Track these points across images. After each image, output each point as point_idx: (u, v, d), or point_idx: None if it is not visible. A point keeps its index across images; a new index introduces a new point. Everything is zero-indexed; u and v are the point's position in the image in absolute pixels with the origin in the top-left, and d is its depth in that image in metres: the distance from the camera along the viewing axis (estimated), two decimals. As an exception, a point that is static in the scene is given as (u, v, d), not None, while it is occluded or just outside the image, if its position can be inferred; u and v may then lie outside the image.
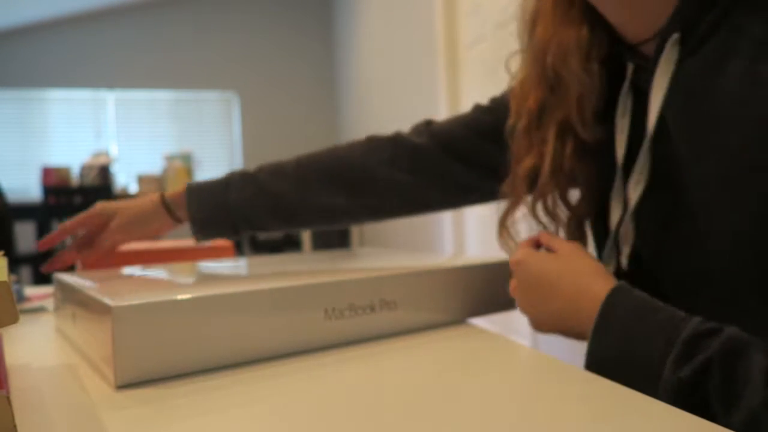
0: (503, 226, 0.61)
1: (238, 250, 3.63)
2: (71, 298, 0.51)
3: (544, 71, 0.54)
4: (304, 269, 0.57)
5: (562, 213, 0.57)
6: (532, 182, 0.57)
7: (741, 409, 0.33)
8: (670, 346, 0.37)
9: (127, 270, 0.62)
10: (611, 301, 0.42)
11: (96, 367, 0.45)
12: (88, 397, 0.39)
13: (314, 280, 0.47)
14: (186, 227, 0.72)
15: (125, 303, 0.40)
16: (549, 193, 0.56)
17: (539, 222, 0.58)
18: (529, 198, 0.58)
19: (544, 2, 0.55)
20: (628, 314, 0.41)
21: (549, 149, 0.54)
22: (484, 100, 0.79)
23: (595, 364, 0.42)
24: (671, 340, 0.38)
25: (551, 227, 0.58)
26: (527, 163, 0.56)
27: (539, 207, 0.57)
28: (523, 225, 0.64)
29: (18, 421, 0.34)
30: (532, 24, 0.56)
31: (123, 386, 0.40)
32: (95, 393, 0.40)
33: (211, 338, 0.43)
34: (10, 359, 0.50)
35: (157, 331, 0.41)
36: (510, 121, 0.60)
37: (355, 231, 4.98)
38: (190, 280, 0.52)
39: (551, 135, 0.54)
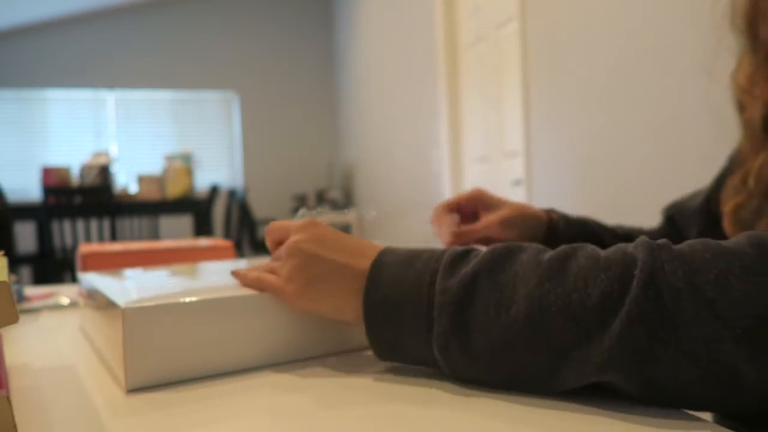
0: (732, 220, 0.57)
1: (238, 250, 3.63)
2: (92, 297, 0.51)
3: None
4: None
5: None
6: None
7: (519, 302, 0.34)
8: (435, 273, 0.38)
9: (149, 271, 0.62)
10: (382, 254, 0.42)
11: (110, 368, 0.44)
12: (88, 397, 0.39)
13: None
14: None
15: (137, 304, 0.40)
16: None
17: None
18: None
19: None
20: (396, 261, 0.40)
21: None
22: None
23: (368, 312, 0.40)
24: (435, 267, 0.38)
25: None
26: (760, 157, 0.53)
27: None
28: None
29: (18, 421, 0.34)
30: (752, 19, 0.53)
31: (134, 390, 0.39)
32: (97, 393, 0.40)
33: (225, 341, 0.43)
34: (9, 359, 0.50)
35: (169, 333, 0.40)
36: (744, 115, 0.56)
37: (355, 231, 4.98)
38: (204, 282, 0.51)
39: None
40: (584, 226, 0.70)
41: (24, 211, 3.16)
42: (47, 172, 3.23)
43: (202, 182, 4.84)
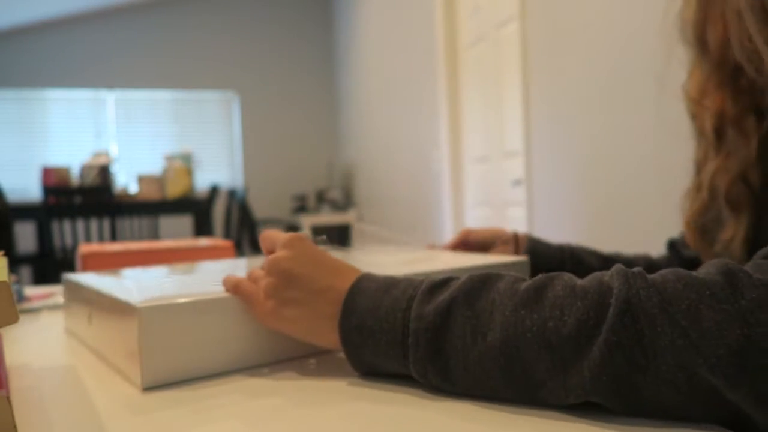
0: (692, 228, 0.59)
1: (238, 250, 3.63)
2: (87, 298, 0.51)
3: (729, 71, 0.52)
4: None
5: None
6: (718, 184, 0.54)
7: (494, 329, 0.34)
8: (412, 300, 0.38)
9: (140, 271, 0.62)
10: (360, 280, 0.41)
11: (117, 368, 0.45)
12: (88, 396, 0.39)
13: None
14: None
15: (151, 303, 0.40)
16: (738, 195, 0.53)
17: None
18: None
19: (711, 9, 0.53)
20: (373, 288, 0.40)
21: (740, 147, 0.52)
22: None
23: (345, 338, 0.40)
24: (412, 295, 0.38)
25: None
26: (712, 166, 0.55)
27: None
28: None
29: (18, 421, 0.34)
30: (701, 30, 0.54)
31: (149, 388, 0.40)
32: (97, 393, 0.40)
33: (238, 338, 0.43)
34: (10, 359, 0.50)
35: (183, 331, 0.41)
36: (697, 125, 0.58)
37: (356, 230, 4.98)
38: (208, 280, 0.51)
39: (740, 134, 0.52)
40: (560, 249, 0.72)
41: (24, 211, 3.16)
42: (47, 172, 3.23)
43: (202, 182, 4.83)
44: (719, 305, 0.29)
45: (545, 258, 0.70)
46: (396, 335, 0.37)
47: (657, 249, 0.75)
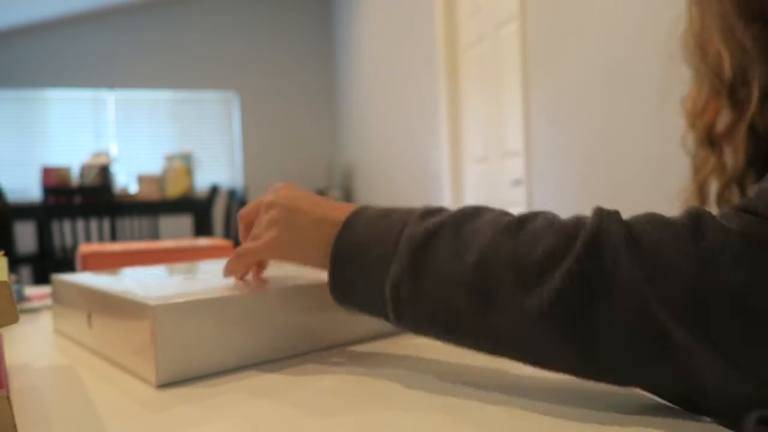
0: None
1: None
2: (87, 298, 0.51)
3: (722, 83, 0.55)
4: (310, 269, 0.57)
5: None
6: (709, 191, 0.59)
7: (472, 251, 0.36)
8: (406, 223, 0.40)
9: (139, 270, 0.62)
10: (360, 209, 0.43)
11: (123, 367, 0.45)
12: (88, 396, 0.39)
13: None
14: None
15: (164, 302, 0.41)
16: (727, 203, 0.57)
17: None
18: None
19: (708, 24, 0.56)
20: (372, 213, 0.42)
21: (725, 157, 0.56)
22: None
23: (336, 252, 0.41)
24: (407, 219, 0.40)
25: None
26: (705, 172, 0.58)
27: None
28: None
29: (18, 421, 0.34)
30: (701, 44, 0.57)
31: (163, 385, 0.40)
32: (97, 392, 0.40)
33: (247, 335, 0.44)
34: (10, 359, 0.50)
35: (195, 328, 0.42)
36: (693, 136, 0.62)
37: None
38: (211, 279, 0.52)
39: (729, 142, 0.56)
40: None
41: (24, 211, 3.16)
42: (47, 172, 3.23)
43: (202, 182, 4.83)
44: (681, 245, 0.30)
45: None
46: (387, 249, 0.39)
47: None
